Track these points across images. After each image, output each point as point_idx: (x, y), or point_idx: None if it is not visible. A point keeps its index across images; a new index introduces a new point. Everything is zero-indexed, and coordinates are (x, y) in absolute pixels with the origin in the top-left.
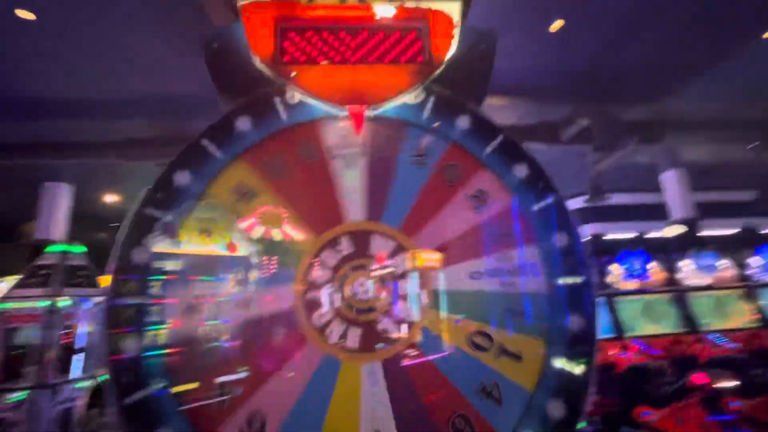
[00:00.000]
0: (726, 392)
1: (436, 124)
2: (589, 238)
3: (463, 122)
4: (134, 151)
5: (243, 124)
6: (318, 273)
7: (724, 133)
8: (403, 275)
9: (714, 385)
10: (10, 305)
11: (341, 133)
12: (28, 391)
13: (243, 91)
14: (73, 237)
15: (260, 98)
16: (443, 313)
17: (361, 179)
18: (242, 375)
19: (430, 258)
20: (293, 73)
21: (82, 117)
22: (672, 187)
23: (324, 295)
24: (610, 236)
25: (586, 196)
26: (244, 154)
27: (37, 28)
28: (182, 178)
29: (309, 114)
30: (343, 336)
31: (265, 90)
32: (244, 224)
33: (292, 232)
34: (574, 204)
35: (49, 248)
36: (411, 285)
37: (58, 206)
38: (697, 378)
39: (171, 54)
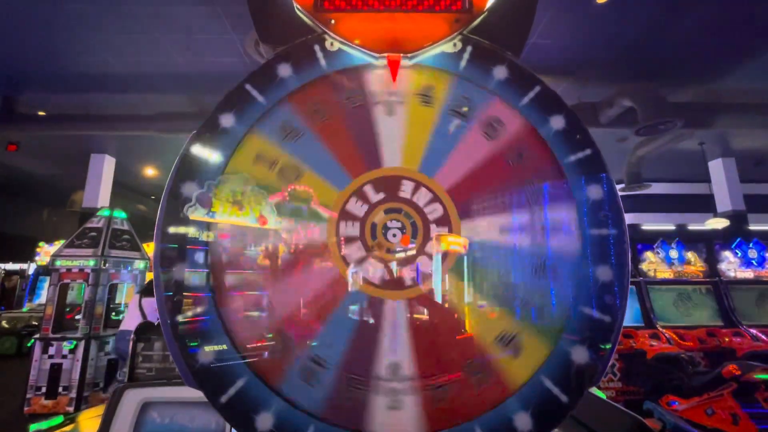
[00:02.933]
0: (761, 387)
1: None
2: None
3: (501, 72)
4: (174, 125)
5: (284, 70)
6: (353, 211)
7: None
8: (427, 256)
9: (749, 378)
10: (62, 263)
11: (382, 80)
12: (75, 342)
13: (284, 39)
14: (115, 206)
15: (300, 46)
16: (467, 297)
17: (401, 127)
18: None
19: (456, 241)
20: (332, 21)
21: (126, 91)
22: (719, 176)
23: (356, 234)
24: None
25: (623, 185)
26: (286, 98)
27: (86, 2)
28: (227, 120)
29: (348, 61)
30: (371, 271)
31: (305, 38)
32: (274, 199)
33: (322, 211)
34: None
35: (99, 212)
36: (435, 266)
37: (103, 177)
38: (731, 369)
39: (215, 31)
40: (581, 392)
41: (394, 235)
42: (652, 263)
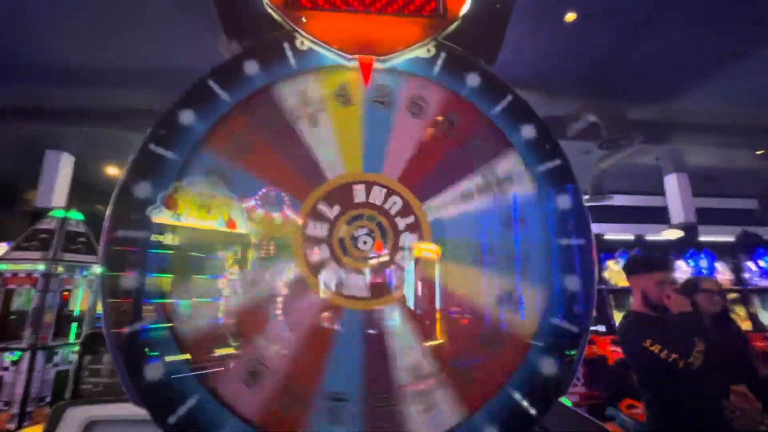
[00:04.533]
0: None
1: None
2: None
3: (474, 80)
4: (138, 122)
5: (251, 67)
6: (319, 217)
7: (731, 137)
8: (399, 264)
9: None
10: (7, 266)
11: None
12: (19, 353)
13: (252, 35)
14: (72, 206)
15: (269, 43)
16: (436, 300)
17: (330, 133)
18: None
19: (428, 248)
20: (303, 19)
21: (88, 85)
22: (674, 190)
23: (322, 243)
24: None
25: (587, 196)
26: (202, 144)
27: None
28: (186, 117)
29: (318, 62)
30: (336, 281)
31: (274, 34)
32: (245, 205)
33: (292, 216)
34: None
35: (51, 213)
36: (408, 274)
37: (60, 175)
38: None
39: (185, 26)
40: (550, 404)
41: (365, 243)
42: (613, 272)
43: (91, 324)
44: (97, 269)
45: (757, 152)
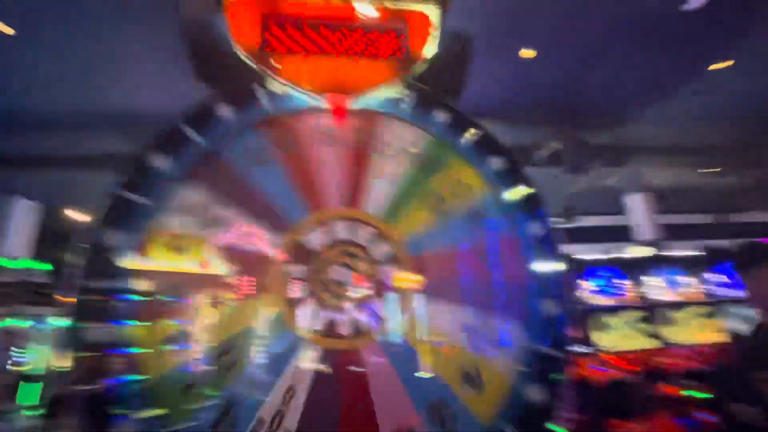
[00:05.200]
0: (698, 405)
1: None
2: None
3: (441, 116)
4: (107, 167)
5: (225, 111)
6: (303, 250)
7: (681, 157)
8: (381, 295)
9: (682, 397)
10: None
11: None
12: None
13: (222, 79)
14: (38, 255)
15: (241, 87)
16: (420, 332)
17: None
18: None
19: (410, 279)
20: (276, 64)
21: (54, 130)
22: (636, 209)
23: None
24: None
25: (557, 218)
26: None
27: (16, 42)
28: (160, 162)
29: (291, 104)
30: (313, 317)
31: (246, 79)
32: (221, 241)
33: (268, 248)
34: None
35: (9, 263)
36: (389, 305)
37: (24, 223)
38: (668, 390)
39: (154, 70)
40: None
41: (345, 277)
42: (587, 291)
43: (50, 384)
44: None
45: (699, 171)
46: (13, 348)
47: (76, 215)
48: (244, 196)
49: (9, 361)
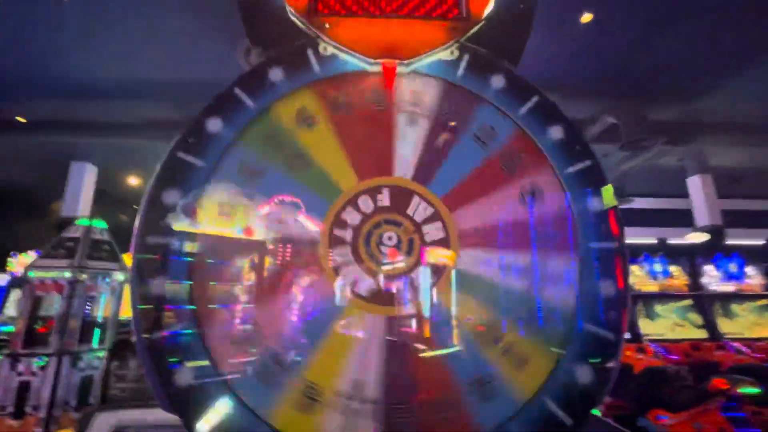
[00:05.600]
0: (748, 400)
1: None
2: None
3: (498, 81)
4: (159, 133)
5: (275, 74)
6: (350, 216)
7: (756, 137)
8: (414, 271)
9: (735, 392)
10: (35, 274)
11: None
12: (46, 358)
13: (276, 42)
14: (96, 216)
15: (293, 50)
16: (453, 311)
17: (420, 140)
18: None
19: (445, 254)
20: (326, 25)
21: (110, 97)
22: (698, 192)
23: (348, 239)
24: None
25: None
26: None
27: (70, 8)
28: (214, 125)
29: (342, 67)
30: (355, 282)
31: (297, 42)
32: (262, 210)
33: (308, 222)
34: None
35: (77, 222)
36: (423, 281)
37: (84, 185)
38: (718, 383)
39: (205, 40)
40: (586, 414)
41: (390, 240)
42: (638, 276)
43: (114, 330)
44: (120, 276)
45: None
46: (84, 297)
47: (130, 179)
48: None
49: (82, 309)
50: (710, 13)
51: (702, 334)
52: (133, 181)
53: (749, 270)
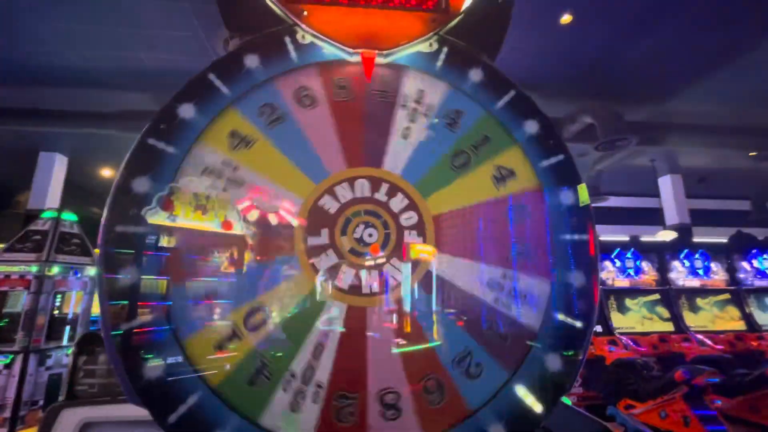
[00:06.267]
0: (709, 389)
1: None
2: None
3: (476, 75)
4: (133, 124)
5: (251, 61)
6: (327, 206)
7: (724, 138)
8: (395, 265)
9: (697, 382)
10: (0, 268)
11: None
12: (11, 356)
13: (253, 29)
14: (66, 208)
15: (270, 37)
16: (434, 305)
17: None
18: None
19: (424, 250)
20: (304, 13)
21: (82, 86)
22: (668, 192)
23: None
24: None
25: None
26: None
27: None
28: (186, 111)
29: (320, 56)
30: (334, 272)
31: (275, 29)
32: (240, 206)
33: (289, 216)
34: None
35: (43, 214)
36: (404, 275)
37: (53, 176)
38: (682, 374)
39: (181, 27)
40: (556, 401)
41: (370, 235)
42: (610, 272)
43: (85, 327)
44: (92, 270)
45: (751, 153)
46: (52, 293)
47: (102, 170)
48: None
49: (50, 305)
50: (683, 16)
51: (669, 327)
52: (106, 172)
53: (713, 266)
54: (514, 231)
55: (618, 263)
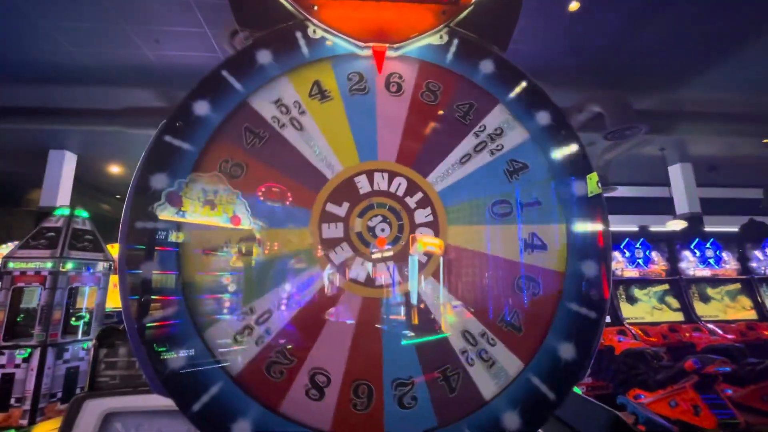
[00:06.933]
0: (720, 379)
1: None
2: None
3: (487, 66)
4: (141, 120)
5: (263, 57)
6: (360, 184)
7: (735, 126)
8: (403, 258)
9: (708, 371)
10: (15, 265)
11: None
12: (29, 350)
13: (263, 24)
14: (77, 205)
15: (281, 32)
16: (443, 298)
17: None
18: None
19: (432, 242)
20: (315, 7)
21: (90, 83)
22: (678, 181)
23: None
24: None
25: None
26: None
27: None
28: (201, 108)
29: (331, 50)
30: (351, 266)
31: (286, 24)
32: (253, 197)
33: (301, 201)
34: None
35: (56, 211)
36: (411, 268)
37: (63, 174)
38: (692, 364)
39: (186, 23)
40: (568, 389)
41: (383, 230)
42: (619, 262)
43: (100, 321)
44: (105, 266)
45: (764, 140)
46: (67, 288)
47: (111, 167)
48: (276, 152)
49: (65, 300)
50: (691, 4)
51: (679, 317)
52: (115, 169)
53: (725, 255)
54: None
55: (627, 253)
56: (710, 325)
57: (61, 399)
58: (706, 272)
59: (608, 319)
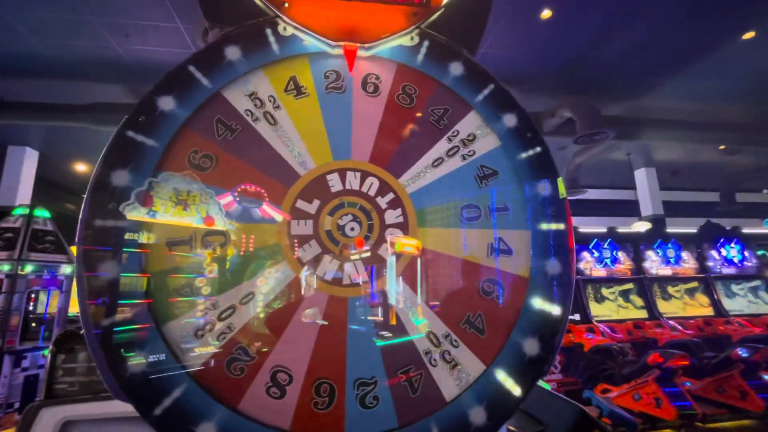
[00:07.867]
0: (680, 372)
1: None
2: None
3: (457, 68)
4: (107, 117)
5: (232, 53)
6: (331, 182)
7: (695, 133)
8: (381, 259)
9: (668, 365)
10: None
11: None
12: None
13: (233, 20)
14: (38, 204)
15: (251, 28)
16: (419, 300)
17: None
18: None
19: (409, 243)
20: (285, 4)
21: (54, 77)
22: (643, 184)
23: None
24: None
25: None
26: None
27: None
28: (166, 103)
29: (301, 48)
30: (319, 265)
31: (256, 20)
32: (222, 200)
33: (272, 211)
34: None
35: (15, 210)
36: (389, 268)
37: (24, 171)
38: (655, 357)
39: (158, 17)
40: (533, 384)
41: (353, 229)
42: (588, 262)
43: (62, 326)
44: (68, 269)
45: (721, 147)
46: (26, 292)
47: (74, 165)
48: (248, 146)
49: (24, 305)
50: (658, 14)
51: (643, 314)
52: (80, 167)
53: (684, 255)
54: (493, 222)
55: (596, 254)
56: (671, 322)
57: (19, 409)
58: (667, 271)
59: (578, 317)
